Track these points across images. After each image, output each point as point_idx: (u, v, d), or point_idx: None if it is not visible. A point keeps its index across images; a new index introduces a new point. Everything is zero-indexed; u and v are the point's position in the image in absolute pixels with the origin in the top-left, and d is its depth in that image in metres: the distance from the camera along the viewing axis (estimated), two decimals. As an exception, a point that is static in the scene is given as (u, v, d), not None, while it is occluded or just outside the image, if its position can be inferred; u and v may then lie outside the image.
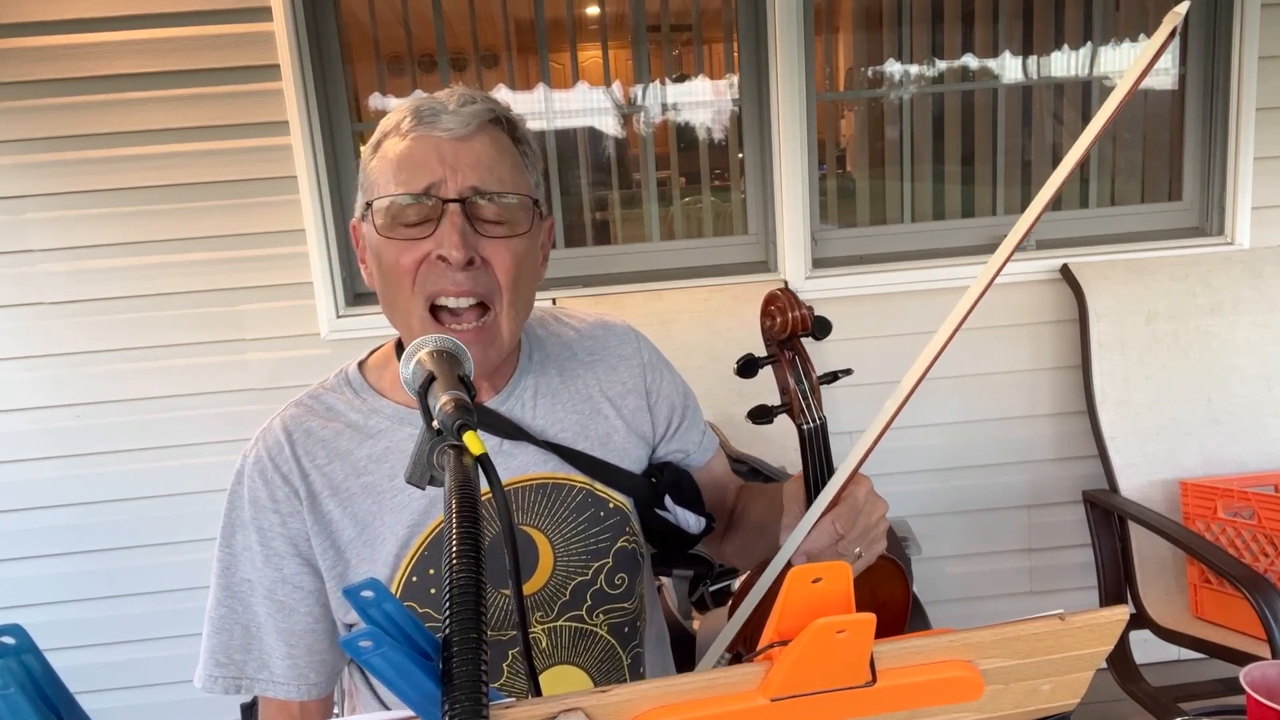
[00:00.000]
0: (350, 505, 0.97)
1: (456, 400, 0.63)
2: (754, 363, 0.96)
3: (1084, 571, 2.39)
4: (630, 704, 0.49)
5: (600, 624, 1.04)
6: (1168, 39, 0.68)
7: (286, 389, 2.25)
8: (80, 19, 2.10)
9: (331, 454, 0.98)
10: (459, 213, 0.91)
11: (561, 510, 1.02)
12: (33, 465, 2.27)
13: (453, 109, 0.93)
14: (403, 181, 0.91)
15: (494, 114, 0.95)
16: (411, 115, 0.93)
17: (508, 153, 0.96)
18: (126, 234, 2.19)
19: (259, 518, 0.97)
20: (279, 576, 0.97)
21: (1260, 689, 0.82)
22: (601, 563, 1.04)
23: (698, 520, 1.12)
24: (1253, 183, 2.34)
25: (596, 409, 1.08)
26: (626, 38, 2.41)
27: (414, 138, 0.92)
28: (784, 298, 0.95)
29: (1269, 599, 1.64)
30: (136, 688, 2.38)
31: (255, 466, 0.98)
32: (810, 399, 0.95)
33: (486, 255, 0.92)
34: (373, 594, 0.49)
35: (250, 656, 0.98)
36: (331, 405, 1.01)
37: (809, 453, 0.95)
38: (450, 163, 0.91)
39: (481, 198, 0.92)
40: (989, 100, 2.50)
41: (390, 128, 0.95)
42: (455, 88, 0.96)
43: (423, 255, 0.91)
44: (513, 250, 0.94)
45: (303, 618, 0.98)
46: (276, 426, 1.00)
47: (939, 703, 0.55)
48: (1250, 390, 2.24)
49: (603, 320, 1.16)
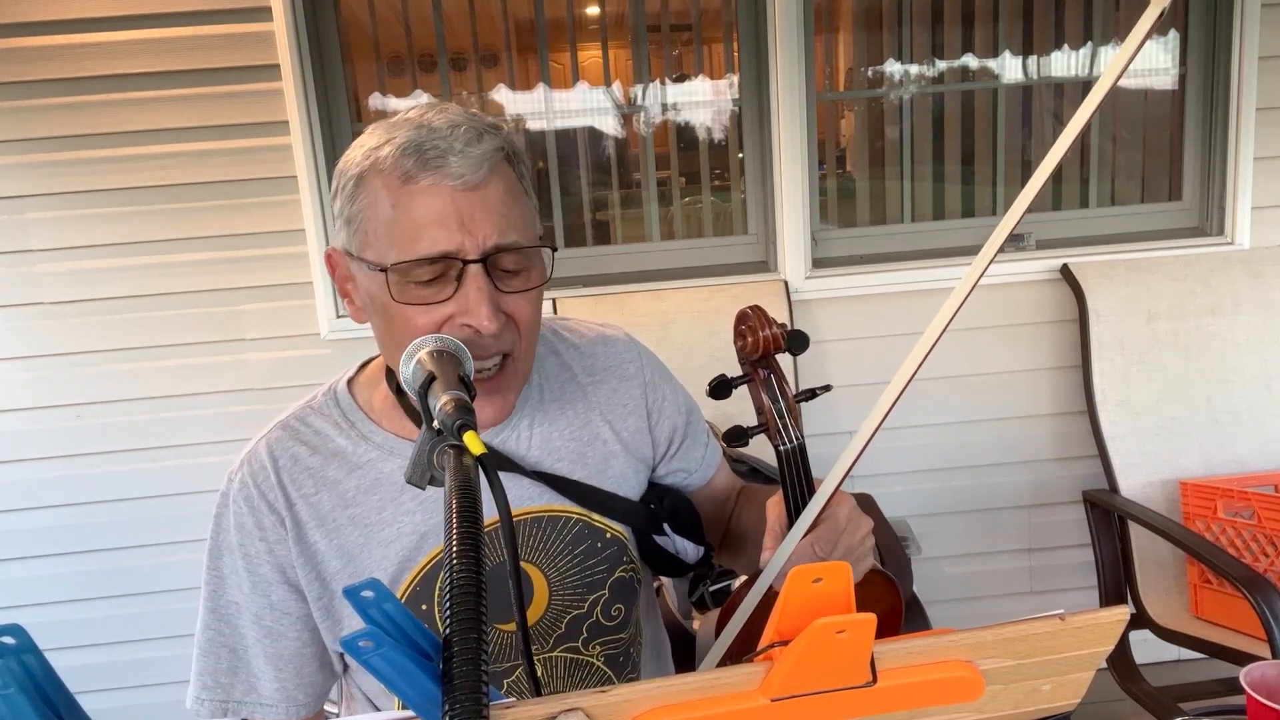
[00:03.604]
0: (337, 537, 0.94)
1: (456, 400, 0.63)
2: (727, 384, 0.92)
3: (1084, 571, 2.39)
4: (630, 704, 0.49)
5: (596, 655, 1.02)
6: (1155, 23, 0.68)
7: (286, 389, 2.25)
8: (80, 19, 2.10)
9: (319, 483, 0.95)
10: (482, 275, 0.84)
11: (556, 544, 0.99)
12: (32, 465, 2.27)
13: (460, 148, 0.82)
14: (415, 242, 0.83)
15: (503, 151, 0.87)
16: (413, 153, 0.82)
17: (517, 192, 0.88)
18: (126, 234, 2.19)
19: (245, 544, 0.95)
20: (266, 603, 0.95)
21: (1260, 689, 0.82)
22: (598, 595, 1.01)
23: (696, 549, 1.11)
24: (1253, 183, 2.34)
25: (595, 434, 1.03)
26: (626, 38, 2.41)
27: (423, 187, 0.82)
28: (755, 316, 0.92)
29: (1269, 599, 1.63)
30: (136, 688, 2.38)
31: (241, 492, 0.95)
32: (787, 418, 0.92)
33: (509, 311, 0.87)
34: (373, 594, 0.49)
35: (237, 680, 0.97)
36: (319, 429, 0.97)
37: (787, 474, 0.91)
38: (468, 221, 0.83)
39: (502, 253, 0.85)
40: (989, 100, 2.50)
41: (386, 162, 0.83)
42: (449, 110, 0.87)
43: (443, 318, 0.85)
44: (531, 300, 0.89)
45: (291, 642, 0.97)
46: (262, 451, 0.96)
47: (939, 703, 0.55)
48: (1250, 390, 2.24)
49: (603, 335, 1.11)
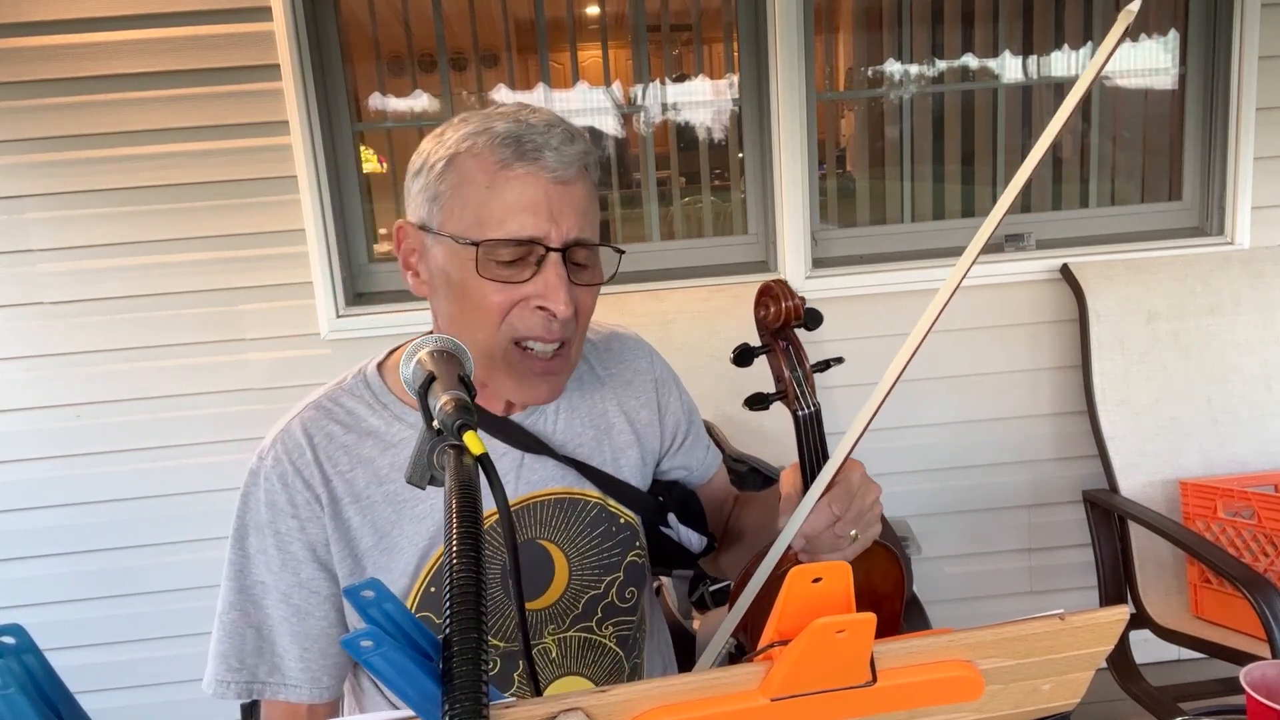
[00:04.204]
0: (370, 513, 0.96)
1: (456, 400, 0.63)
2: (749, 352, 0.99)
3: (1084, 571, 2.39)
4: (630, 704, 0.49)
5: (609, 635, 1.05)
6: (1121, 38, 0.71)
7: (286, 389, 2.25)
8: (80, 19, 2.10)
9: (354, 460, 0.97)
10: (561, 263, 0.91)
11: (577, 525, 1.03)
12: (32, 465, 2.27)
13: (556, 145, 0.90)
14: (509, 222, 0.89)
15: (589, 156, 0.94)
16: (511, 143, 0.89)
17: (594, 197, 0.97)
18: (126, 234, 2.19)
19: (276, 521, 0.95)
20: (295, 581, 0.96)
21: (1260, 689, 0.82)
22: (613, 576, 1.05)
23: (700, 539, 1.14)
24: (1253, 183, 2.34)
25: (611, 425, 1.09)
26: (626, 38, 2.41)
27: (519, 174, 0.89)
28: (777, 288, 0.98)
29: (1269, 599, 1.63)
30: (136, 688, 2.38)
31: (275, 469, 0.95)
32: (804, 386, 0.99)
33: (576, 301, 0.93)
34: (373, 594, 0.49)
35: (263, 660, 0.97)
36: (352, 409, 0.99)
37: (804, 439, 0.99)
38: (556, 211, 0.90)
39: (579, 247, 0.93)
40: (989, 100, 2.50)
41: (480, 148, 0.90)
42: (542, 111, 0.94)
43: (519, 298, 0.91)
44: (594, 295, 0.97)
45: (318, 622, 0.97)
46: (296, 428, 0.97)
47: (939, 703, 0.55)
48: (1250, 390, 2.24)
49: (615, 332, 1.17)
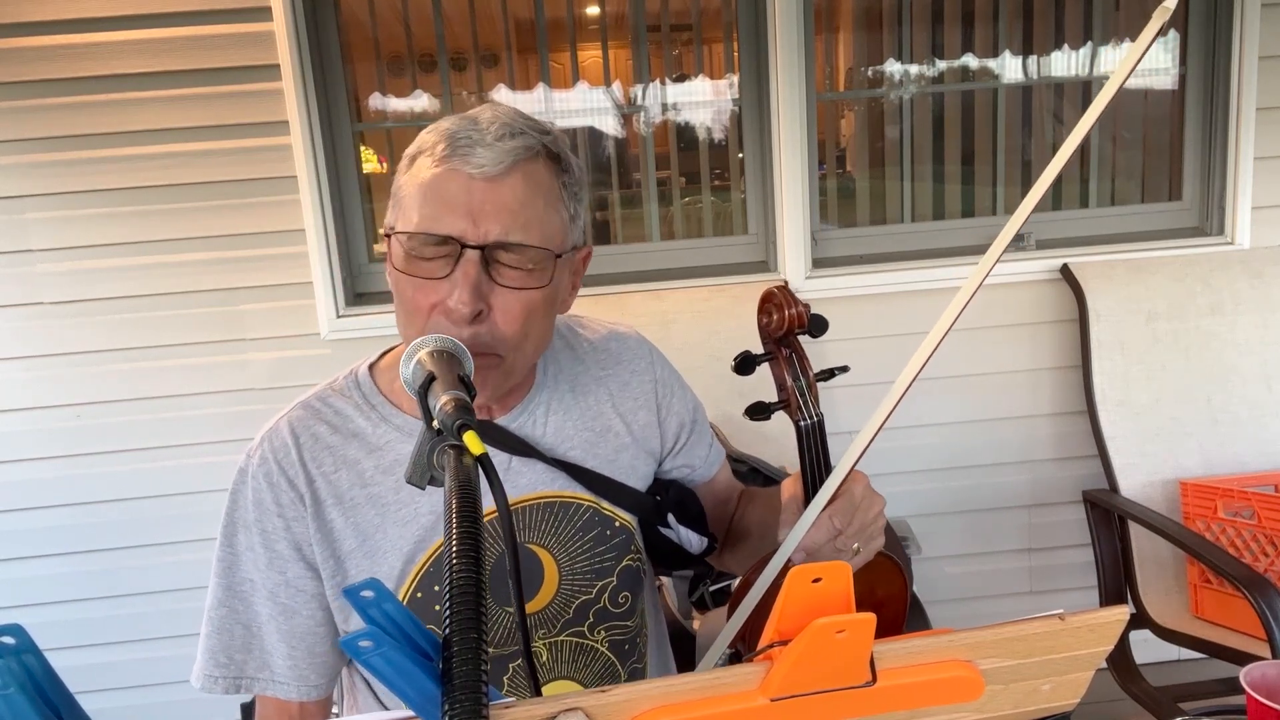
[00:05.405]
0: (353, 515, 0.96)
1: (456, 400, 0.63)
2: (751, 360, 0.96)
3: (1084, 571, 2.39)
4: (630, 704, 0.49)
5: (601, 640, 1.04)
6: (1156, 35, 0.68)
7: (287, 389, 2.25)
8: (80, 19, 2.10)
9: (339, 461, 0.97)
10: (474, 262, 0.86)
11: (568, 529, 1.02)
12: (32, 465, 2.27)
13: (490, 141, 0.87)
14: (425, 218, 0.87)
15: (533, 150, 0.89)
16: (447, 140, 0.88)
17: (542, 191, 0.90)
18: (126, 234, 2.19)
19: (263, 520, 0.96)
20: (282, 580, 0.97)
21: (1260, 689, 0.82)
22: (606, 581, 1.03)
23: (700, 540, 1.12)
24: (1253, 183, 2.34)
25: (607, 425, 1.07)
26: (626, 38, 2.41)
27: (444, 170, 0.87)
28: (780, 295, 0.96)
29: (1269, 599, 1.63)
30: (136, 688, 2.38)
31: (261, 468, 0.96)
32: (807, 395, 0.96)
33: (495, 305, 0.89)
34: (373, 594, 0.49)
35: (251, 656, 0.98)
36: (340, 410, 0.99)
37: (806, 449, 0.95)
38: (476, 209, 0.86)
39: (503, 249, 0.88)
40: (989, 100, 2.50)
41: (427, 145, 0.90)
42: (499, 110, 0.91)
43: (438, 300, 0.88)
44: (524, 301, 0.89)
45: (305, 620, 0.98)
46: (283, 428, 0.98)
47: (939, 703, 0.55)
48: (1250, 390, 2.24)
49: (615, 331, 1.14)
